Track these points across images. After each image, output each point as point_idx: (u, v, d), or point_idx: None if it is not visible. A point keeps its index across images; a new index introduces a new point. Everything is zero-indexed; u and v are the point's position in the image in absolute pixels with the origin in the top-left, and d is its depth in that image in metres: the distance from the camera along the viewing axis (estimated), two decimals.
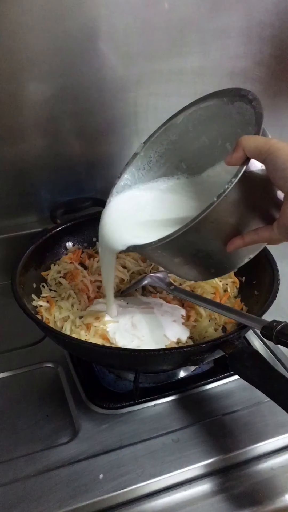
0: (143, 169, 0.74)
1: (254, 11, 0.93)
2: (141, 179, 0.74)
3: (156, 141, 0.72)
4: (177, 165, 0.74)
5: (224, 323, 0.76)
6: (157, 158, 0.74)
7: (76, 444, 0.65)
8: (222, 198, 0.52)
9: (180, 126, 0.70)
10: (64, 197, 0.97)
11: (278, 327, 0.59)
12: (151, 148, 0.72)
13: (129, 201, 0.73)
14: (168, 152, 0.73)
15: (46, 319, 0.76)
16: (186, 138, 0.71)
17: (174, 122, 0.70)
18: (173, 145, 0.72)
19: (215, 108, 0.66)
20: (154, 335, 0.73)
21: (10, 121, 0.87)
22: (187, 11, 0.88)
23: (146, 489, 0.60)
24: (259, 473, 0.63)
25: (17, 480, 0.61)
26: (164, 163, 0.74)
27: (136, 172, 0.74)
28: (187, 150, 0.72)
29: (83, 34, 0.84)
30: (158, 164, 0.74)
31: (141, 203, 0.73)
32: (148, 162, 0.74)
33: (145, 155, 0.73)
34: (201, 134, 0.70)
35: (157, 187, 0.75)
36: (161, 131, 0.71)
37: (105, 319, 0.74)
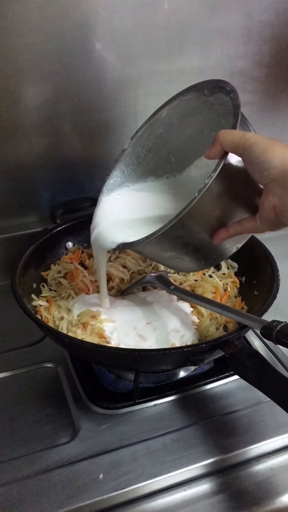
0: (132, 165, 0.74)
1: (254, 11, 0.93)
2: (131, 175, 0.75)
3: (143, 136, 0.72)
4: (165, 158, 0.75)
5: (225, 322, 0.76)
6: (145, 153, 0.74)
7: (76, 444, 0.65)
8: (203, 193, 0.54)
9: (165, 120, 0.71)
10: (64, 197, 0.97)
11: (278, 327, 0.59)
12: (138, 143, 0.73)
13: (119, 200, 0.74)
14: (155, 146, 0.73)
15: (46, 318, 0.76)
16: (172, 131, 0.71)
17: (159, 116, 0.70)
18: (160, 139, 0.73)
19: (197, 100, 0.66)
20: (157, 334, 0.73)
21: (10, 121, 0.87)
22: (187, 11, 0.89)
23: (146, 489, 0.60)
24: (259, 473, 0.63)
25: (17, 480, 0.61)
26: (152, 157, 0.74)
27: (125, 168, 0.74)
28: (174, 143, 0.73)
29: (83, 34, 0.84)
30: (147, 158, 0.74)
31: (130, 202, 0.73)
32: (136, 157, 0.74)
33: (133, 151, 0.73)
34: (186, 126, 0.71)
35: (146, 186, 0.75)
36: (146, 125, 0.71)
37: (102, 317, 0.74)
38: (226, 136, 0.55)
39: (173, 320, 0.75)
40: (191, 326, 0.75)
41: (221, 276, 0.87)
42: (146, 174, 0.76)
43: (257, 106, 1.03)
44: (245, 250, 0.84)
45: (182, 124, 0.71)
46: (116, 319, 0.75)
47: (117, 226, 0.69)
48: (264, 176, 0.53)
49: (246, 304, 0.80)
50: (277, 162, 0.51)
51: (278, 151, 0.52)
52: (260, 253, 0.80)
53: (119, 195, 0.75)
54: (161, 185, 0.76)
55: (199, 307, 0.78)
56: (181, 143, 0.73)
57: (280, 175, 0.51)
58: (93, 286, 0.83)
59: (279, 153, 0.52)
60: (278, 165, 0.51)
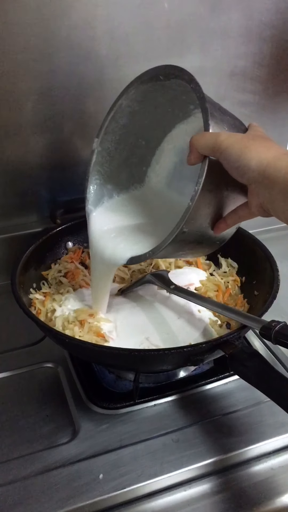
0: (106, 162, 0.75)
1: (254, 11, 0.93)
2: (109, 173, 0.75)
3: (108, 131, 0.72)
4: (135, 144, 0.76)
5: (229, 319, 0.76)
6: (115, 146, 0.74)
7: (76, 444, 0.65)
8: (196, 200, 0.56)
9: (126, 109, 0.71)
10: (64, 197, 0.97)
11: (276, 327, 0.59)
12: (105, 139, 0.73)
13: (109, 214, 0.74)
14: (123, 136, 0.74)
15: (39, 310, 0.77)
16: (135, 117, 0.72)
17: (119, 108, 0.70)
18: (125, 129, 0.73)
19: (154, 85, 0.67)
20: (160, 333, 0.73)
21: (9, 120, 0.87)
22: (187, 11, 0.88)
23: (146, 489, 0.60)
24: (259, 473, 0.63)
25: (17, 480, 0.61)
26: (123, 147, 0.75)
27: (100, 168, 0.74)
28: (141, 127, 0.73)
29: (83, 34, 0.84)
30: (118, 150, 0.75)
31: (122, 214, 0.75)
32: (108, 153, 0.74)
33: (102, 148, 0.73)
34: (148, 109, 0.71)
35: (131, 196, 0.77)
36: (108, 120, 0.71)
37: (100, 316, 0.74)
38: (200, 142, 0.55)
39: (177, 319, 0.75)
40: (197, 324, 0.75)
41: (222, 274, 0.87)
42: (122, 166, 0.76)
43: (257, 106, 1.03)
44: (245, 250, 0.84)
45: (143, 109, 0.71)
46: (117, 319, 0.75)
47: (120, 241, 0.70)
48: (245, 178, 0.54)
49: (247, 303, 0.80)
50: (254, 165, 0.52)
51: (254, 152, 0.52)
52: (260, 253, 0.80)
53: (107, 209, 0.75)
54: (144, 192, 0.78)
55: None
56: (147, 126, 0.73)
57: (259, 177, 0.52)
58: None
59: (255, 155, 0.52)
60: (255, 167, 0.52)
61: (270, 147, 0.53)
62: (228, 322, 0.76)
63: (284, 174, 0.50)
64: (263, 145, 0.53)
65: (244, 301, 0.80)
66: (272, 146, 0.54)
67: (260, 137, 0.56)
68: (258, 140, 0.55)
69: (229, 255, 0.89)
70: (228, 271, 0.87)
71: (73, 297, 0.79)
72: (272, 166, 0.51)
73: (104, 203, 0.76)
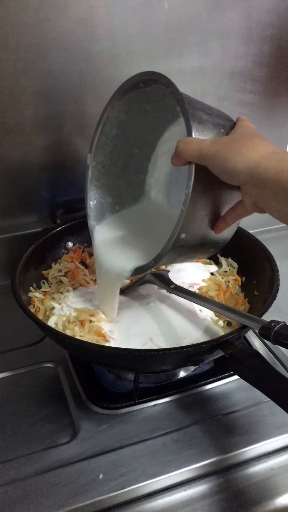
0: (102, 175, 0.75)
1: (254, 11, 0.93)
2: (106, 186, 0.76)
3: (100, 145, 0.72)
4: (129, 153, 0.75)
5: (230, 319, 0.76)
6: (109, 158, 0.74)
7: (76, 444, 0.65)
8: (188, 204, 0.56)
9: (113, 121, 0.71)
10: (64, 197, 0.97)
11: (276, 328, 0.59)
12: (98, 153, 0.73)
13: (114, 228, 0.75)
14: (116, 147, 0.74)
15: (38, 308, 0.77)
16: (125, 127, 0.72)
17: (106, 121, 0.70)
18: (117, 140, 0.73)
19: (136, 93, 0.67)
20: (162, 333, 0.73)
21: (9, 120, 0.87)
22: (187, 11, 0.88)
23: (146, 489, 0.60)
24: (259, 473, 0.63)
25: (17, 480, 0.61)
26: (117, 158, 0.75)
27: (98, 182, 0.75)
28: (132, 136, 0.73)
29: (83, 34, 0.84)
30: (113, 162, 0.75)
31: (127, 227, 0.75)
32: (103, 166, 0.74)
33: (97, 163, 0.74)
34: (137, 117, 0.71)
35: (131, 211, 0.78)
36: (98, 134, 0.72)
37: (100, 316, 0.74)
38: (185, 149, 0.55)
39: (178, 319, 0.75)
40: (198, 323, 0.75)
41: (223, 274, 0.87)
42: (119, 178, 0.76)
43: (257, 106, 1.03)
44: (245, 250, 0.84)
45: (131, 117, 0.71)
46: (118, 319, 0.75)
47: (123, 254, 0.71)
48: (234, 181, 0.53)
49: (247, 302, 0.80)
50: (241, 168, 0.51)
51: (239, 156, 0.52)
52: (260, 253, 0.80)
53: (109, 223, 0.76)
54: (145, 203, 0.78)
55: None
56: (139, 133, 0.73)
57: (247, 178, 0.52)
58: (94, 284, 0.83)
59: (240, 158, 0.52)
60: (243, 170, 0.51)
61: (256, 146, 0.53)
62: (228, 322, 0.76)
63: (274, 174, 0.49)
64: (249, 145, 0.53)
65: (245, 300, 0.80)
66: (259, 144, 0.53)
67: (247, 136, 0.55)
68: (244, 140, 0.54)
69: (229, 255, 0.90)
70: (229, 270, 0.87)
71: (72, 295, 0.79)
72: (260, 166, 0.50)
73: (107, 218, 0.76)
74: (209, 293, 0.82)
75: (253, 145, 0.53)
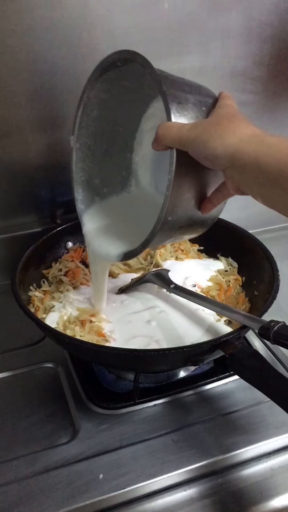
0: (87, 157, 0.73)
1: (254, 11, 0.93)
2: (92, 167, 0.74)
3: (82, 126, 0.71)
4: (113, 132, 0.74)
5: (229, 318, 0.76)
6: (93, 139, 0.73)
7: (76, 444, 0.65)
8: (172, 188, 0.55)
9: (94, 101, 0.69)
10: (64, 197, 0.97)
11: (275, 327, 0.59)
12: (81, 135, 0.71)
13: (103, 213, 0.75)
14: (99, 128, 0.72)
15: (37, 307, 0.77)
16: (107, 106, 0.70)
17: (87, 101, 0.69)
18: (99, 119, 0.71)
19: (115, 71, 0.66)
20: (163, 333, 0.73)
21: (9, 120, 0.87)
22: (187, 11, 0.88)
23: (146, 489, 0.60)
24: (259, 473, 0.63)
25: (17, 480, 0.61)
26: (101, 138, 0.74)
27: (83, 164, 0.73)
28: (114, 115, 0.72)
29: (83, 34, 0.84)
30: (97, 142, 0.73)
31: (116, 212, 0.74)
32: (87, 148, 0.73)
33: (81, 144, 0.72)
34: (118, 95, 0.70)
35: (124, 194, 0.77)
36: (79, 116, 0.70)
37: (101, 316, 0.74)
38: (166, 136, 0.55)
39: (180, 318, 0.75)
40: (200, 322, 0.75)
41: (223, 273, 0.87)
42: (105, 158, 0.75)
43: (257, 106, 1.03)
44: (245, 250, 0.84)
45: (112, 96, 0.69)
46: (119, 319, 0.75)
47: (112, 239, 0.70)
48: (215, 166, 0.53)
49: (248, 302, 0.80)
50: (221, 153, 0.51)
51: (219, 141, 0.51)
52: (260, 253, 0.80)
53: (98, 208, 0.75)
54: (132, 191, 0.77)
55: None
56: (121, 112, 0.72)
57: (228, 163, 0.51)
58: None
59: (220, 143, 0.51)
60: (223, 155, 0.51)
61: (236, 129, 0.52)
62: (229, 321, 0.76)
63: (254, 159, 0.48)
64: (229, 128, 0.52)
65: (246, 299, 0.80)
66: (238, 127, 0.52)
67: (226, 118, 0.54)
68: (224, 123, 0.53)
69: (229, 255, 0.90)
70: (229, 270, 0.88)
71: (72, 293, 0.79)
72: (239, 151, 0.50)
73: (96, 204, 0.75)
74: (210, 293, 0.82)
75: (233, 128, 0.52)
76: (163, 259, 0.89)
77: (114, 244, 0.69)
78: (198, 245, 0.94)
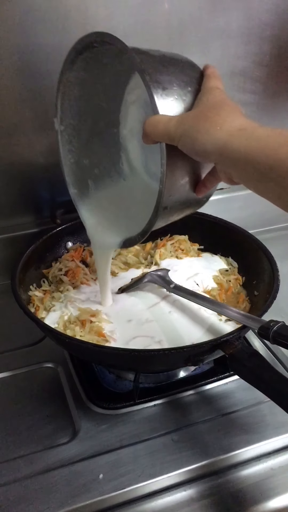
0: (74, 137, 0.72)
1: (254, 11, 0.93)
2: (80, 147, 0.73)
3: (65, 108, 0.70)
4: (97, 108, 0.72)
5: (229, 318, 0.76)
6: (77, 119, 0.71)
7: (76, 444, 0.65)
8: (165, 180, 0.54)
9: (73, 81, 0.68)
10: (64, 197, 0.97)
11: (275, 327, 0.59)
12: (65, 116, 0.70)
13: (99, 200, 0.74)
14: (82, 106, 0.71)
15: (37, 306, 0.77)
16: (87, 84, 0.69)
17: (66, 83, 0.67)
18: (81, 98, 0.70)
19: (92, 52, 0.64)
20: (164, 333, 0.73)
21: (9, 120, 0.87)
22: (187, 11, 0.88)
23: (146, 489, 0.60)
24: (259, 473, 0.63)
25: (17, 480, 0.61)
26: (86, 117, 0.72)
27: (71, 146, 0.72)
28: (96, 91, 0.70)
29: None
30: (82, 121, 0.72)
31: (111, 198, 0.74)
32: (72, 128, 0.71)
33: (66, 126, 0.71)
34: (98, 72, 0.68)
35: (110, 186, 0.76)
36: (60, 98, 0.68)
37: (102, 316, 0.74)
38: (153, 133, 0.54)
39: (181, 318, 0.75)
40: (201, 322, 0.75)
41: (224, 273, 0.87)
42: (92, 136, 0.73)
43: (257, 106, 1.03)
44: (245, 249, 0.84)
45: (92, 73, 0.68)
46: (120, 319, 0.75)
47: (110, 227, 0.70)
48: (206, 161, 0.53)
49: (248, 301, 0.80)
50: (211, 149, 0.50)
51: (207, 136, 0.50)
52: (260, 253, 0.80)
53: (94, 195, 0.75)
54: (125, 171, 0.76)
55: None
56: (103, 87, 0.70)
57: (219, 158, 0.50)
58: (94, 283, 0.83)
59: (208, 139, 0.50)
60: (212, 151, 0.50)
61: (223, 123, 0.50)
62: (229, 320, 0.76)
63: (244, 154, 0.47)
64: (216, 122, 0.50)
65: (246, 299, 0.80)
66: (225, 120, 0.50)
67: (213, 110, 0.52)
68: (211, 116, 0.51)
69: (229, 255, 0.90)
70: (230, 269, 0.88)
71: (73, 293, 0.80)
72: (228, 147, 0.48)
73: (91, 190, 0.74)
74: (211, 292, 0.82)
75: (220, 122, 0.50)
76: (162, 258, 0.89)
77: (114, 231, 0.68)
78: (198, 244, 0.94)
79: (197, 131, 0.50)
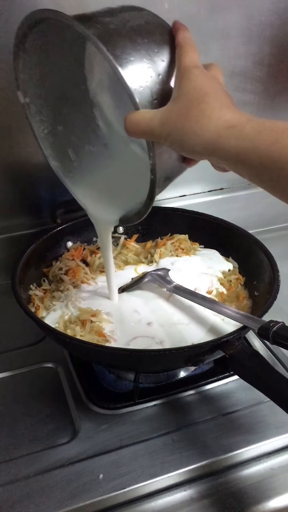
0: (42, 106, 0.68)
1: (254, 11, 0.93)
2: (51, 114, 0.69)
3: (26, 79, 0.65)
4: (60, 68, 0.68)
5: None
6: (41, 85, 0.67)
7: (76, 444, 0.65)
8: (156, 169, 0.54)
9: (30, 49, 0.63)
10: (64, 197, 0.97)
11: (274, 328, 0.60)
12: (28, 87, 0.66)
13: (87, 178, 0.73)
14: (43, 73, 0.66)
15: (37, 305, 0.77)
16: (46, 48, 0.64)
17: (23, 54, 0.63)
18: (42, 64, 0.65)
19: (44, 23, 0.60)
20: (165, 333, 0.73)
21: (9, 120, 0.87)
22: (187, 11, 0.88)
23: (146, 489, 0.60)
24: (259, 473, 0.63)
25: (17, 480, 0.61)
26: (50, 80, 0.67)
27: (41, 116, 0.69)
28: (56, 53, 0.66)
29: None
30: (46, 86, 0.67)
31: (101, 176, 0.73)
32: (38, 97, 0.67)
33: (31, 97, 0.67)
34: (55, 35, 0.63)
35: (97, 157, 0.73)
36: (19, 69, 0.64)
37: (102, 316, 0.74)
38: (136, 132, 0.52)
39: (182, 317, 0.75)
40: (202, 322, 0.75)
41: (226, 273, 0.87)
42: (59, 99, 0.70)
43: (257, 106, 1.03)
44: (245, 249, 0.84)
45: (49, 38, 0.63)
46: (120, 319, 0.75)
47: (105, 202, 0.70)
48: (198, 159, 0.53)
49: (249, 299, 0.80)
50: (200, 150, 0.49)
51: (194, 138, 0.48)
52: (260, 253, 0.80)
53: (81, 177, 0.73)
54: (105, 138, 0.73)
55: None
56: (63, 48, 0.66)
57: (210, 156, 0.49)
58: (94, 283, 0.84)
59: (196, 140, 0.48)
60: (202, 151, 0.49)
61: (209, 123, 0.48)
62: None
63: (235, 155, 0.46)
64: (201, 121, 0.48)
65: (247, 298, 0.80)
66: (211, 119, 0.48)
67: (196, 103, 0.49)
68: (195, 114, 0.49)
69: (229, 255, 0.90)
70: (232, 269, 0.88)
71: (73, 292, 0.80)
72: (218, 147, 0.47)
73: (75, 163, 0.72)
74: (214, 293, 0.82)
75: (205, 120, 0.48)
76: (163, 258, 0.89)
77: (107, 204, 0.68)
78: (198, 244, 0.94)
79: (184, 133, 0.49)
